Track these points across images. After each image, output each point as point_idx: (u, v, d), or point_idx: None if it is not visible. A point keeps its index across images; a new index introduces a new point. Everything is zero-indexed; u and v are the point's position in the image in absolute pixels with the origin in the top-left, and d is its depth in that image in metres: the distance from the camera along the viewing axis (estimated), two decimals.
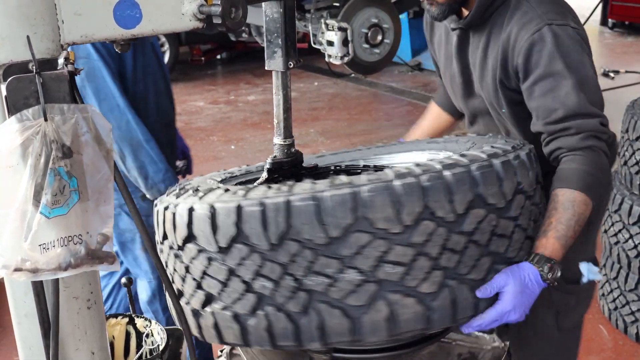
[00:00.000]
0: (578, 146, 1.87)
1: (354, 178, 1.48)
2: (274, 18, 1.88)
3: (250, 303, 1.50)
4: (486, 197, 1.51)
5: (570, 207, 1.78)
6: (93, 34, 1.29)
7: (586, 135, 1.88)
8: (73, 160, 1.17)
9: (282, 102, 1.98)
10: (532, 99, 1.98)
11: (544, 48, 1.94)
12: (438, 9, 2.11)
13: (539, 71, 1.95)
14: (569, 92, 1.90)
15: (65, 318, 1.33)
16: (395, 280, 1.45)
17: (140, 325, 1.97)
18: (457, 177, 1.47)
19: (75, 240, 1.19)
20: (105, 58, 2.69)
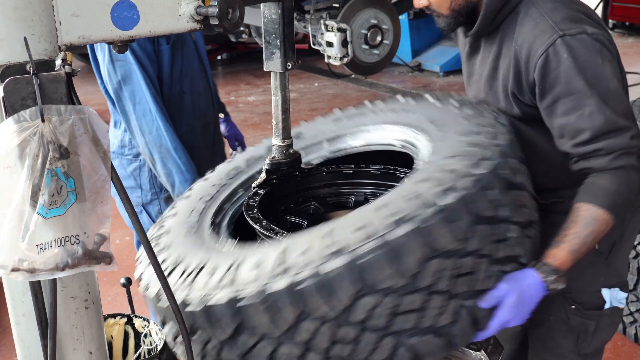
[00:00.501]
0: (609, 167, 1.82)
1: None
2: (273, 19, 1.88)
3: None
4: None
5: (591, 224, 1.77)
6: (90, 36, 1.30)
7: (617, 155, 1.82)
8: (70, 161, 1.17)
9: (280, 103, 1.99)
10: (554, 117, 1.90)
11: (560, 65, 1.85)
12: (444, 21, 2.07)
13: (558, 89, 1.86)
14: (593, 110, 1.82)
15: (63, 318, 1.34)
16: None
17: (138, 325, 1.98)
18: None
19: (73, 240, 1.20)
20: (142, 61, 2.70)
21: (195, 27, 1.41)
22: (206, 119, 3.03)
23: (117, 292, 4.16)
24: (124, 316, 2.00)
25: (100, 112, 5.76)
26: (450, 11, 2.03)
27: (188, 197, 2.07)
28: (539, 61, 1.88)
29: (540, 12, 1.93)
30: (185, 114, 2.92)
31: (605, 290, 2.14)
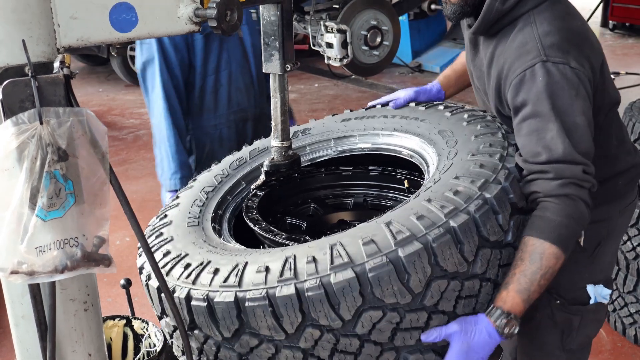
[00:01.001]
0: (555, 193, 1.76)
1: None
2: (271, 21, 1.88)
3: None
4: None
5: (537, 260, 1.68)
6: (89, 38, 1.30)
7: (565, 182, 1.78)
8: (69, 164, 1.17)
9: (279, 104, 1.99)
10: (519, 136, 1.88)
11: (533, 86, 1.85)
12: (450, 8, 2.05)
13: (526, 110, 1.86)
14: (554, 136, 1.80)
15: (62, 320, 1.34)
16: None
17: (137, 327, 1.98)
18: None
19: (72, 242, 1.20)
20: (165, 47, 2.80)
21: (193, 29, 1.41)
22: (244, 114, 3.08)
23: (117, 293, 4.16)
24: (122, 318, 2.00)
25: (100, 112, 5.84)
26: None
27: (191, 188, 2.08)
28: (515, 79, 1.88)
29: (533, 32, 1.91)
30: (220, 106, 3.00)
31: (590, 286, 2.16)
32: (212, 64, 2.93)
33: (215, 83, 2.96)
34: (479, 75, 2.15)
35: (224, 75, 2.96)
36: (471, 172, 1.65)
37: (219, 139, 3.02)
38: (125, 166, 6.56)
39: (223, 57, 2.94)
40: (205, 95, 2.96)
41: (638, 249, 3.48)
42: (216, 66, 2.94)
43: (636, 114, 3.46)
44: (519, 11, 1.95)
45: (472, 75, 2.25)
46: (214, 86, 2.97)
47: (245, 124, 3.10)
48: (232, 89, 3.00)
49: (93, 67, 11.11)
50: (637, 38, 12.94)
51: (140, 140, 7.42)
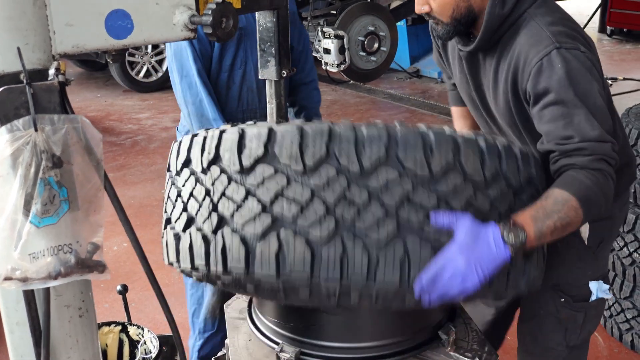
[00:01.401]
0: (589, 166, 1.82)
1: None
2: (267, 27, 1.89)
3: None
4: None
5: (560, 203, 1.72)
6: (85, 45, 1.30)
7: (598, 158, 1.83)
8: (63, 170, 1.18)
9: (275, 110, 2.00)
10: (543, 123, 1.92)
11: (553, 74, 1.88)
12: (443, 29, 2.05)
13: (549, 98, 1.89)
14: (582, 120, 1.85)
15: (57, 326, 1.34)
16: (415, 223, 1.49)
17: (133, 333, 1.98)
18: None
19: (65, 249, 1.20)
20: (192, 39, 2.83)
21: (189, 36, 1.42)
22: (252, 115, 3.10)
23: (114, 299, 4.15)
24: (118, 324, 2.00)
25: (98, 118, 5.84)
26: (451, 19, 2.02)
27: None
28: (534, 68, 1.91)
29: (539, 24, 1.96)
30: (230, 104, 3.04)
31: (592, 282, 2.21)
32: (227, 61, 2.98)
33: (228, 80, 3.01)
34: (481, 92, 2.16)
35: (237, 74, 3.01)
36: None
37: None
38: (123, 171, 6.56)
39: (239, 56, 2.99)
40: (218, 91, 3.01)
41: (634, 255, 3.49)
42: (231, 64, 2.99)
43: (633, 120, 3.47)
44: (517, 12, 1.99)
45: (471, 95, 2.25)
46: (227, 83, 3.02)
47: None
48: (244, 88, 3.05)
49: (91, 72, 11.12)
50: (635, 44, 12.97)
51: (138, 146, 7.41)
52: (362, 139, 1.45)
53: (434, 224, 1.50)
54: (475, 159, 1.53)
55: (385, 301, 1.54)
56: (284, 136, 1.47)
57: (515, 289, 1.66)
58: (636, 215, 3.42)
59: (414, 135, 1.48)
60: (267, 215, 1.46)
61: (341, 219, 1.44)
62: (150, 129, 8.01)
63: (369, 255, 1.45)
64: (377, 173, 1.45)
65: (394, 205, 1.45)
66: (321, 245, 1.44)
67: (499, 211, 1.60)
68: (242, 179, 1.49)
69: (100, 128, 8.07)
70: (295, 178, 1.45)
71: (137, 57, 9.74)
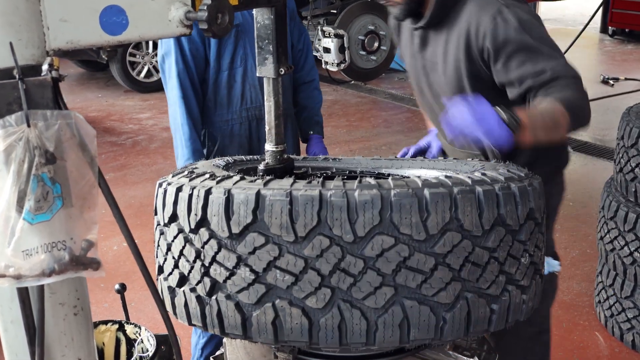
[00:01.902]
0: (569, 83, 2.04)
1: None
2: (265, 25, 1.88)
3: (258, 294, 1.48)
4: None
5: (549, 108, 1.96)
6: (79, 41, 1.29)
7: (573, 80, 2.06)
8: (57, 167, 1.17)
9: (273, 108, 1.98)
10: (512, 71, 2.11)
11: (508, 27, 2.09)
12: (397, 9, 2.28)
13: (511, 48, 2.09)
14: (546, 57, 2.08)
15: (51, 324, 1.33)
16: (412, 287, 1.47)
17: (130, 332, 1.97)
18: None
19: (59, 246, 1.19)
20: (180, 40, 2.91)
21: (185, 32, 1.41)
22: (257, 112, 3.11)
23: (113, 298, 4.15)
24: (115, 322, 1.99)
25: (99, 118, 5.85)
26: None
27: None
28: (489, 27, 2.12)
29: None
30: (233, 102, 3.07)
31: None
32: (226, 59, 3.00)
33: (229, 79, 3.03)
34: (432, 66, 2.38)
35: (238, 72, 3.02)
36: (501, 172, 1.69)
37: (229, 134, 3.09)
38: (124, 171, 6.56)
39: (238, 54, 3.00)
40: (218, 90, 3.03)
41: (635, 254, 3.48)
42: (230, 62, 3.00)
43: (633, 119, 3.46)
44: None
45: (419, 72, 2.45)
46: (228, 82, 3.03)
47: (258, 122, 3.14)
48: (246, 86, 3.06)
49: (93, 73, 11.13)
50: (636, 44, 12.96)
51: (139, 146, 7.41)
52: (354, 206, 1.42)
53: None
54: (474, 211, 1.49)
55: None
56: (272, 204, 1.44)
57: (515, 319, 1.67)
58: (637, 215, 3.41)
59: (407, 197, 1.44)
60: (261, 285, 1.46)
61: (337, 288, 1.44)
62: (151, 129, 8.00)
63: (367, 321, 1.46)
64: (372, 241, 1.43)
65: (391, 272, 1.44)
66: (318, 314, 1.45)
67: (497, 257, 1.55)
68: (233, 245, 1.48)
69: (101, 128, 8.08)
70: (288, 248, 1.44)
71: (138, 57, 9.74)
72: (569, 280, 4.48)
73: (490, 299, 1.55)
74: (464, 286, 1.50)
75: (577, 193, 5.94)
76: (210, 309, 1.53)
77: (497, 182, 1.56)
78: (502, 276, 1.56)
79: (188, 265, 1.57)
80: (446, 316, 1.50)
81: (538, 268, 1.70)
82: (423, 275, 1.46)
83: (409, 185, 1.47)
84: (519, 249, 1.59)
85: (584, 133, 7.56)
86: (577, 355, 3.69)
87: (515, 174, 1.67)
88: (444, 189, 1.47)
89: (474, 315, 1.53)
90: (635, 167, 3.41)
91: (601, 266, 3.90)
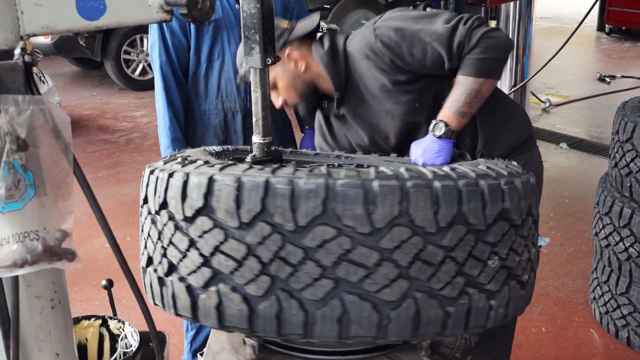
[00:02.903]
0: (477, 32, 2.19)
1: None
2: (252, 14, 1.84)
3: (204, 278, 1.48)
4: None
5: (462, 85, 2.20)
6: (55, 26, 1.26)
7: (475, 18, 2.22)
8: (29, 154, 1.13)
9: (260, 99, 1.94)
10: (430, 50, 2.23)
11: (390, 27, 2.26)
12: (302, 108, 2.45)
13: (406, 37, 2.24)
14: (436, 17, 2.25)
15: (27, 318, 1.30)
16: (353, 282, 1.42)
17: (113, 327, 1.94)
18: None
19: (32, 236, 1.15)
20: (164, 31, 3.00)
21: (165, 18, 1.37)
22: (232, 106, 3.15)
23: (105, 295, 4.10)
24: (98, 318, 1.95)
25: (93, 116, 5.83)
26: (300, 97, 2.40)
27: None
28: (377, 44, 2.26)
29: (355, 33, 2.41)
30: (210, 94, 3.12)
31: None
32: (204, 53, 3.05)
33: (207, 72, 3.08)
34: (371, 126, 2.46)
35: (215, 65, 3.07)
36: (480, 168, 1.60)
37: (207, 124, 3.15)
38: (117, 169, 6.52)
39: (216, 47, 3.05)
40: (197, 81, 3.08)
41: (630, 250, 3.45)
42: (208, 55, 3.05)
43: (628, 113, 3.43)
44: (339, 46, 2.39)
45: (361, 140, 2.51)
46: (205, 74, 3.08)
47: (234, 115, 3.17)
48: (222, 79, 3.09)
49: (87, 70, 11.09)
50: (633, 42, 12.95)
51: (133, 144, 7.38)
52: (298, 194, 1.39)
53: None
54: (428, 207, 1.41)
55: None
56: (221, 189, 1.44)
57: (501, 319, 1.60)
58: (632, 210, 3.38)
59: (354, 188, 1.39)
60: (208, 269, 1.46)
61: (276, 277, 1.42)
62: (145, 127, 7.97)
63: (305, 312, 1.43)
64: (313, 231, 1.40)
65: (331, 264, 1.41)
66: (258, 301, 1.44)
67: (455, 257, 1.47)
68: (186, 229, 1.49)
69: (95, 126, 8.05)
70: (233, 233, 1.43)
71: (133, 55, 9.70)
72: (564, 277, 4.46)
73: (444, 301, 1.47)
74: (412, 285, 1.43)
75: (572, 190, 5.92)
76: (167, 290, 1.54)
77: (464, 178, 1.48)
78: (460, 278, 1.47)
79: (152, 246, 1.59)
80: (391, 314, 1.44)
81: (515, 273, 1.58)
82: (366, 270, 1.41)
83: (360, 176, 1.42)
84: (485, 250, 1.49)
85: (580, 130, 7.53)
86: (572, 352, 3.67)
87: (496, 171, 1.57)
88: (396, 181, 1.41)
89: (423, 317, 1.46)
90: (630, 162, 3.37)
91: (596, 262, 3.87)
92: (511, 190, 1.52)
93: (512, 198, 1.52)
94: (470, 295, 1.48)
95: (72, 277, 4.32)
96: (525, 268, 1.61)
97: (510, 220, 1.52)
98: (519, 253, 1.58)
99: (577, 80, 9.98)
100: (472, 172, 1.52)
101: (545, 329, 3.89)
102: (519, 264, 1.58)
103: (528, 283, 1.63)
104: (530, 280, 1.64)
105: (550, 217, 5.33)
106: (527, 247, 1.60)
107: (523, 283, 1.60)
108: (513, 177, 1.57)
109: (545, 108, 8.30)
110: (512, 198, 1.52)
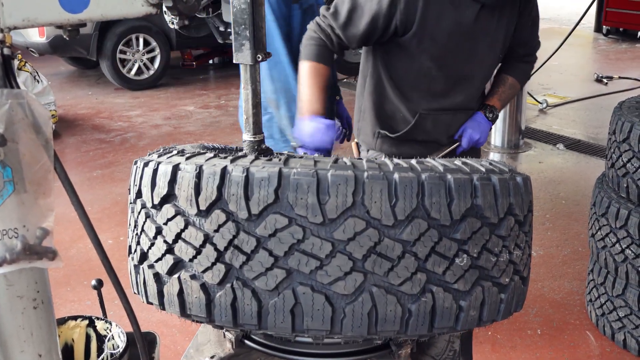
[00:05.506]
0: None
1: None
2: (242, 9, 1.81)
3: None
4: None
5: (511, 89, 3.03)
6: (36, 18, 1.22)
7: None
8: (7, 149, 1.10)
9: (251, 97, 1.91)
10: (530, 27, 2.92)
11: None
12: None
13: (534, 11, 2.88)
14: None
15: (9, 318, 1.27)
16: (306, 273, 1.40)
17: (100, 328, 1.90)
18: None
19: (11, 234, 1.12)
20: (278, 19, 3.13)
21: (150, 11, 1.34)
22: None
23: (96, 296, 4.08)
24: (85, 318, 1.92)
25: (89, 115, 5.81)
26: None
27: None
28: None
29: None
30: None
31: None
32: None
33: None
34: (481, 37, 2.72)
35: None
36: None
37: None
38: (112, 168, 6.48)
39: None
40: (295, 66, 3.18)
41: (627, 252, 3.42)
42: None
43: (625, 113, 3.40)
44: None
45: (459, 40, 2.68)
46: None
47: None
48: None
49: (83, 70, 11.07)
50: (631, 43, 12.95)
51: (128, 143, 7.35)
52: (252, 182, 1.38)
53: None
54: (384, 198, 1.37)
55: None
56: (183, 177, 1.44)
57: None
58: (629, 211, 3.36)
59: (306, 177, 1.37)
60: (171, 257, 1.47)
61: (231, 265, 1.41)
62: (140, 127, 7.94)
63: (258, 302, 1.41)
64: (266, 220, 1.38)
65: (283, 254, 1.38)
66: (214, 290, 1.44)
67: (415, 252, 1.41)
68: (154, 215, 1.50)
69: (90, 125, 8.01)
70: (193, 221, 1.43)
71: (129, 54, 9.67)
72: (560, 278, 4.43)
73: (404, 298, 1.41)
74: (367, 279, 1.39)
75: (569, 191, 5.90)
76: (138, 278, 1.58)
77: (428, 171, 1.42)
78: (421, 274, 1.41)
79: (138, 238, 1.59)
80: (345, 309, 1.40)
81: (491, 275, 1.50)
82: (318, 261, 1.37)
83: (316, 165, 1.40)
84: (451, 247, 1.42)
85: (577, 131, 7.52)
86: (568, 354, 3.64)
87: (471, 166, 1.51)
88: (351, 171, 1.38)
89: (381, 312, 1.41)
90: (627, 162, 3.35)
91: (592, 264, 3.84)
92: (484, 186, 1.46)
93: (485, 195, 1.46)
94: (434, 294, 1.43)
95: (64, 277, 4.29)
96: (504, 270, 1.53)
97: (482, 217, 1.46)
98: (495, 254, 1.50)
99: (574, 81, 9.98)
100: (441, 166, 1.47)
101: (540, 331, 3.86)
102: (496, 265, 1.51)
103: (509, 287, 1.55)
104: (514, 284, 1.56)
105: (546, 218, 5.31)
106: (507, 248, 1.53)
107: (502, 286, 1.53)
108: (490, 173, 1.50)
109: (542, 109, 8.29)
110: (485, 195, 1.46)
